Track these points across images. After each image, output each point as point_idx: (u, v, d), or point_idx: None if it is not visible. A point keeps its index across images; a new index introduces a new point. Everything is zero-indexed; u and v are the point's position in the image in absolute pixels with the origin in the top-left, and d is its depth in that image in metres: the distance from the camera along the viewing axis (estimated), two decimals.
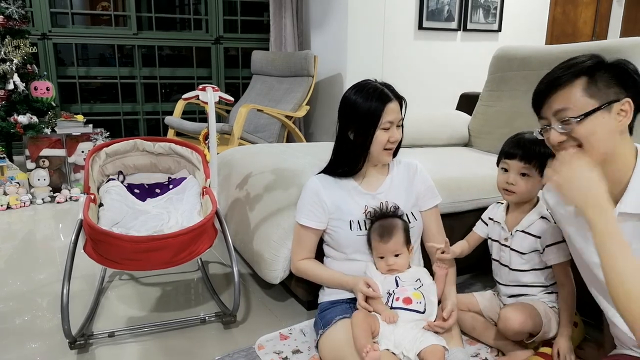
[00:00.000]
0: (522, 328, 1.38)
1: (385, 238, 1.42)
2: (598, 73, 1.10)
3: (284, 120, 3.78)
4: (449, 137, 2.83)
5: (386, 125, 1.45)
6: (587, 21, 5.05)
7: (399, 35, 4.11)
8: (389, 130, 1.46)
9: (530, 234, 1.48)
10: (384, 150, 1.48)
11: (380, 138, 1.45)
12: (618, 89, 1.09)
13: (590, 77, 1.11)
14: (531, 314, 1.40)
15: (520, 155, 1.46)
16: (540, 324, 1.41)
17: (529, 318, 1.38)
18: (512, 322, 1.37)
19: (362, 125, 1.45)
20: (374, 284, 1.39)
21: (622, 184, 1.11)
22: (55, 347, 1.55)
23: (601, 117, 1.10)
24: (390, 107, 1.44)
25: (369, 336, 1.28)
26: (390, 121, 1.45)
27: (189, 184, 1.96)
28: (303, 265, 1.57)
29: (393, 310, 1.35)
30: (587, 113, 1.10)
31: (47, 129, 3.39)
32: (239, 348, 1.53)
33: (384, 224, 1.45)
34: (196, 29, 4.62)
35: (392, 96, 1.46)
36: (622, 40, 2.21)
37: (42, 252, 2.37)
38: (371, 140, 1.46)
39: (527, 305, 1.43)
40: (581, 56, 1.13)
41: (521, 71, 2.58)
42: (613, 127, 1.09)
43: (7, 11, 3.32)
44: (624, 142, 1.11)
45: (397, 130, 1.48)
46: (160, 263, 1.49)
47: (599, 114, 1.09)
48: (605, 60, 1.11)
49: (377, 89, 1.46)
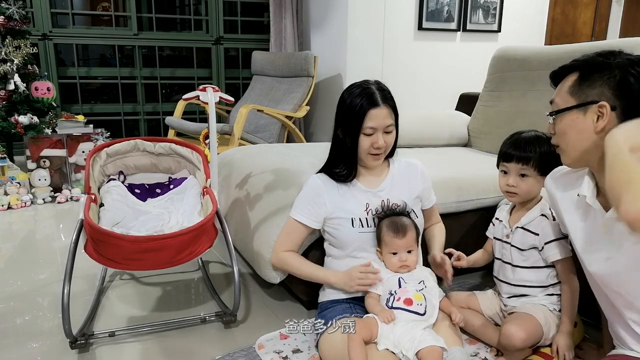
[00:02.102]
0: (524, 345, 1.38)
1: (401, 234, 1.42)
2: (591, 72, 1.09)
3: (284, 120, 3.79)
4: (448, 137, 2.83)
5: (367, 131, 1.42)
6: (586, 21, 5.05)
7: (399, 35, 4.11)
8: (371, 136, 1.43)
9: (530, 230, 1.49)
10: (370, 155, 1.46)
11: (362, 143, 1.44)
12: (603, 90, 1.07)
13: (581, 73, 1.11)
14: (532, 328, 1.39)
15: (517, 157, 1.48)
16: (541, 335, 1.41)
17: (531, 334, 1.38)
18: (515, 340, 1.36)
19: (347, 125, 1.45)
20: (369, 265, 1.44)
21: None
22: (56, 347, 1.56)
23: (575, 117, 1.11)
24: (373, 113, 1.41)
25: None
26: (372, 127, 1.42)
27: (190, 184, 1.96)
28: (285, 256, 1.56)
29: (392, 309, 1.35)
30: (558, 110, 1.13)
31: (47, 129, 3.40)
32: (239, 347, 1.53)
33: (397, 221, 1.45)
34: (196, 29, 4.63)
35: (381, 102, 1.42)
36: (621, 41, 2.21)
37: (42, 252, 2.38)
38: (356, 143, 1.45)
39: (527, 318, 1.42)
40: (607, 52, 1.12)
41: (521, 71, 2.59)
42: (586, 128, 1.09)
43: (8, 12, 3.33)
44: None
45: (383, 136, 1.44)
46: (161, 263, 1.49)
47: (573, 113, 1.11)
48: (614, 59, 1.09)
49: (366, 91, 1.43)
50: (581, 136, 1.11)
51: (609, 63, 1.08)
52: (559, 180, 1.32)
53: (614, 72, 1.07)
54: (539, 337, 1.41)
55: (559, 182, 1.32)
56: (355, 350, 1.27)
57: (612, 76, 1.07)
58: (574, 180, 1.26)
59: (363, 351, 1.27)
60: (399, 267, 1.43)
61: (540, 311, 1.45)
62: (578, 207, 1.23)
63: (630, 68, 1.06)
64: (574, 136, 1.12)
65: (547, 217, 1.47)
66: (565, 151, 1.17)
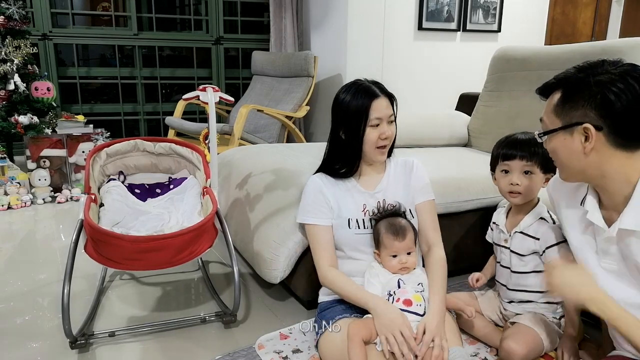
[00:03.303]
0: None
1: (401, 236, 1.41)
2: (573, 91, 1.06)
3: (284, 120, 3.79)
4: (448, 137, 2.83)
5: (374, 122, 1.44)
6: (586, 21, 5.05)
7: (399, 35, 4.11)
8: (378, 127, 1.45)
9: (529, 235, 1.47)
10: (377, 148, 1.47)
11: (371, 136, 1.45)
12: (586, 112, 1.03)
13: (564, 93, 1.09)
14: (532, 343, 1.38)
15: (520, 154, 1.44)
16: (542, 349, 1.40)
17: (531, 350, 1.37)
18: (515, 357, 1.35)
19: (351, 124, 1.45)
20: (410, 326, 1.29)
21: (622, 200, 1.07)
22: (56, 347, 1.56)
23: (562, 138, 1.09)
24: (377, 103, 1.43)
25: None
26: (378, 117, 1.44)
27: (190, 184, 1.97)
28: (334, 278, 1.45)
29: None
30: (547, 132, 1.12)
31: (47, 129, 3.41)
32: (239, 347, 1.53)
33: (395, 223, 1.43)
34: (196, 29, 4.63)
35: (380, 92, 1.45)
36: (621, 41, 2.21)
37: (42, 252, 2.38)
38: (362, 139, 1.45)
39: (527, 332, 1.40)
40: (587, 66, 1.08)
41: (521, 71, 2.59)
42: (575, 150, 1.07)
43: (8, 12, 3.33)
44: (611, 159, 1.05)
45: (388, 126, 1.46)
46: (161, 263, 1.49)
47: (560, 134, 1.09)
48: (594, 77, 1.04)
49: (364, 86, 1.45)
50: (572, 157, 1.08)
51: (589, 82, 1.04)
52: (561, 188, 1.29)
53: (594, 91, 1.02)
54: (540, 351, 1.40)
55: (561, 190, 1.29)
56: (355, 350, 1.27)
57: (593, 96, 1.02)
58: (576, 187, 1.24)
59: (362, 351, 1.27)
60: (398, 269, 1.42)
61: (541, 323, 1.43)
62: (581, 220, 1.21)
63: (611, 85, 1.01)
64: (565, 156, 1.10)
65: (547, 221, 1.45)
66: (561, 169, 1.16)
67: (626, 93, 1.00)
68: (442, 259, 1.48)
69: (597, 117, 1.03)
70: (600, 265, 1.15)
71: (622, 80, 1.00)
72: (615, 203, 1.09)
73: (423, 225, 1.55)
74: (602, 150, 1.04)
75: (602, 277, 1.14)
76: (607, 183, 1.08)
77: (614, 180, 1.07)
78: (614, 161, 1.05)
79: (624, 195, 1.07)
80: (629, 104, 1.00)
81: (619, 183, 1.07)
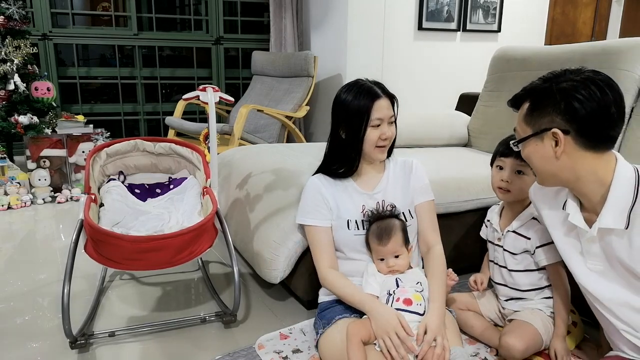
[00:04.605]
0: (523, 356, 1.38)
1: (384, 240, 1.41)
2: (540, 99, 1.13)
3: (284, 120, 3.79)
4: (448, 137, 2.83)
5: (375, 123, 1.44)
6: (586, 21, 5.05)
7: (399, 35, 4.11)
8: (379, 127, 1.45)
9: (521, 234, 1.48)
10: (377, 147, 1.47)
11: (371, 136, 1.45)
12: (553, 118, 1.10)
13: (531, 102, 1.15)
14: (531, 338, 1.39)
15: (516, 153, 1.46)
16: (541, 344, 1.41)
17: (530, 345, 1.38)
18: (514, 352, 1.36)
19: (352, 124, 1.45)
20: (407, 326, 1.29)
21: (599, 200, 1.12)
22: (56, 347, 1.56)
23: (534, 144, 1.15)
24: (378, 104, 1.43)
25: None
26: (379, 118, 1.44)
27: (190, 184, 1.97)
28: (333, 280, 1.45)
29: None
30: (520, 140, 1.19)
31: (47, 129, 3.41)
32: (239, 347, 1.53)
33: (382, 226, 1.44)
34: (196, 29, 4.63)
35: (381, 93, 1.45)
36: (621, 41, 2.21)
37: (42, 252, 2.38)
38: (363, 139, 1.45)
39: (526, 328, 1.41)
40: (552, 76, 1.15)
41: (521, 71, 2.59)
42: (547, 155, 1.13)
43: (8, 12, 3.33)
44: (582, 161, 1.10)
45: (388, 127, 1.47)
46: (161, 263, 1.49)
47: (531, 141, 1.16)
48: (557, 85, 1.10)
49: (365, 86, 1.46)
50: (545, 161, 1.14)
51: (552, 90, 1.10)
52: (542, 193, 1.33)
53: (557, 98, 1.09)
54: (539, 345, 1.41)
55: (542, 195, 1.33)
56: (354, 350, 1.27)
57: (558, 103, 1.09)
58: (555, 192, 1.28)
59: (362, 352, 1.27)
60: (387, 272, 1.43)
61: (539, 318, 1.44)
62: (564, 223, 1.24)
63: (574, 92, 1.07)
64: (538, 162, 1.17)
65: (538, 221, 1.46)
66: (537, 174, 1.21)
67: (587, 97, 1.06)
68: (442, 259, 1.49)
69: (563, 122, 1.09)
70: (587, 267, 1.19)
71: (583, 86, 1.07)
72: (593, 204, 1.14)
73: (422, 225, 1.55)
74: (572, 153, 1.10)
75: (590, 278, 1.18)
76: (582, 185, 1.13)
77: (588, 182, 1.12)
78: (584, 163, 1.10)
79: (600, 195, 1.11)
80: (591, 107, 1.06)
81: (592, 184, 1.11)
